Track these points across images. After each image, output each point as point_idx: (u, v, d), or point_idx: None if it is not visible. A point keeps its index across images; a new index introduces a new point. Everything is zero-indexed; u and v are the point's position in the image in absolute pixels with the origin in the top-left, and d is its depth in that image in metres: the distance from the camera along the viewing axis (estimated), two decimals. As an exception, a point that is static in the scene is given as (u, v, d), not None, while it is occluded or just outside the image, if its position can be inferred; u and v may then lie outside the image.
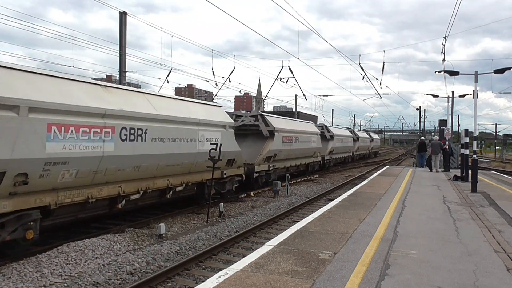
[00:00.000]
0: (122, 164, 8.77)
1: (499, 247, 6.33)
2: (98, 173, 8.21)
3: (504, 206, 10.32)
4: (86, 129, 7.76)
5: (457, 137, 47.56)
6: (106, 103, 8.44)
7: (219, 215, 11.63)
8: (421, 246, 6.27)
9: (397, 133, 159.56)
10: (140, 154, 9.18)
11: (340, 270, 5.06)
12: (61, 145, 7.25)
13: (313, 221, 8.06)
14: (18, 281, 6.15)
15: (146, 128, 9.37)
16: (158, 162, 9.90)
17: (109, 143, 8.29)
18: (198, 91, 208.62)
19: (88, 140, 7.80)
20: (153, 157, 9.65)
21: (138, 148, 9.11)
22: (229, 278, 4.74)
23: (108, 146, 8.26)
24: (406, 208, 9.79)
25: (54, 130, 7.13)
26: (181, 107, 11.34)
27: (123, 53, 19.57)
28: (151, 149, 9.53)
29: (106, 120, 8.26)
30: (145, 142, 9.33)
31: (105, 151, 8.21)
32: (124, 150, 8.69)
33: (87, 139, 7.78)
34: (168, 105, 10.74)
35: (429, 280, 4.77)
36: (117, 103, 8.74)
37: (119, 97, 9.03)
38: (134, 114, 9.07)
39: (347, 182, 20.68)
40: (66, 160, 7.38)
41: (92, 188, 8.29)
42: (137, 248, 8.12)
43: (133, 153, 8.99)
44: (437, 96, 33.23)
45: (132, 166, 9.08)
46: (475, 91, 15.49)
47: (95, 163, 8.04)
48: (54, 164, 7.17)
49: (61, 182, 7.52)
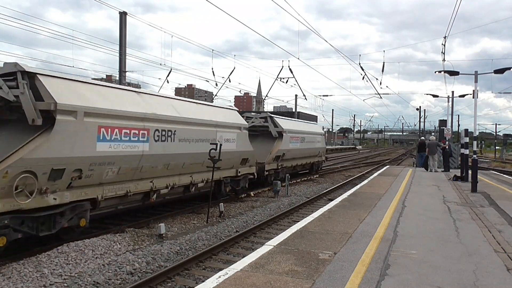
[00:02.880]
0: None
1: (499, 247, 6.33)
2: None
3: (504, 206, 10.32)
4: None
5: (457, 137, 47.58)
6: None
7: (219, 215, 11.63)
8: (421, 246, 6.27)
9: (397, 133, 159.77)
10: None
11: (340, 270, 5.07)
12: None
13: (313, 221, 8.06)
14: (18, 281, 6.15)
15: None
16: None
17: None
18: (198, 91, 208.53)
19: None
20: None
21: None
22: (229, 278, 4.74)
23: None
24: (406, 208, 9.79)
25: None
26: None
27: (123, 53, 19.57)
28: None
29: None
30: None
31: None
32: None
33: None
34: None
35: (429, 280, 4.77)
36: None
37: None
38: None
39: (347, 182, 20.68)
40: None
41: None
42: (137, 248, 8.13)
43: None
44: (437, 96, 33.29)
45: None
46: (475, 91, 15.49)
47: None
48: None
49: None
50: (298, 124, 22.02)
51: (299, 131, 20.73)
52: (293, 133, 19.56)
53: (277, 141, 17.90)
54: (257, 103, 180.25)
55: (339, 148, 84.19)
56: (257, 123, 18.16)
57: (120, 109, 8.71)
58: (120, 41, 19.67)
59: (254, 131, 17.98)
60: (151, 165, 9.68)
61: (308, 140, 21.81)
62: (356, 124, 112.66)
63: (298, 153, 20.56)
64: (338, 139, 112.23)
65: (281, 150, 17.96)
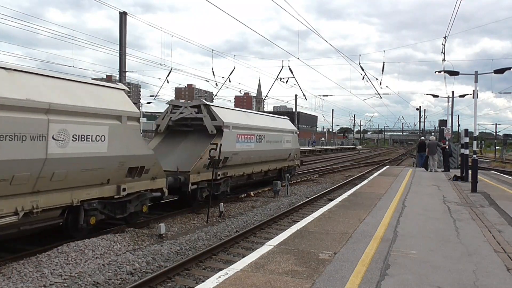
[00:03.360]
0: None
1: (499, 247, 6.33)
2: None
3: (504, 206, 10.32)
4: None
5: (457, 137, 47.58)
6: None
7: (219, 215, 11.63)
8: (421, 246, 6.27)
9: (397, 133, 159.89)
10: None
11: (340, 270, 5.07)
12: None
13: (313, 221, 8.06)
14: (18, 281, 6.15)
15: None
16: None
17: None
18: (198, 91, 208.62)
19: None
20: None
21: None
22: (229, 278, 4.74)
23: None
24: (406, 208, 9.79)
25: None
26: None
27: (123, 53, 19.58)
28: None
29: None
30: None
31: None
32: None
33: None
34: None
35: (429, 280, 4.77)
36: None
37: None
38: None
39: (347, 182, 20.68)
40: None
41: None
42: (137, 248, 8.13)
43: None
44: (437, 96, 33.26)
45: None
46: (475, 91, 15.49)
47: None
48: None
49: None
50: (253, 117, 16.29)
51: (254, 126, 15.36)
52: (243, 128, 14.37)
53: (215, 140, 12.54)
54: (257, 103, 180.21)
55: (339, 148, 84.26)
56: (187, 114, 13.32)
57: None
58: (120, 41, 19.67)
59: (187, 126, 13.65)
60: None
61: (271, 140, 16.75)
62: (356, 124, 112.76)
63: (253, 156, 15.26)
64: (338, 139, 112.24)
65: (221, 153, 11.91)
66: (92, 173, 8.14)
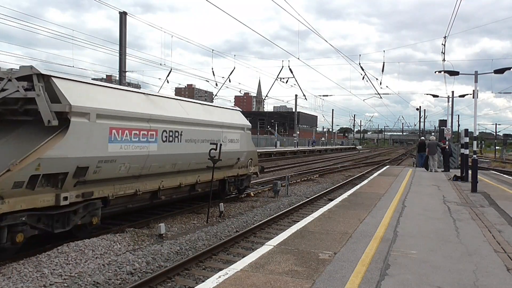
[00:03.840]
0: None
1: (499, 247, 6.33)
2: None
3: (504, 206, 10.32)
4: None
5: (457, 137, 47.59)
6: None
7: (219, 215, 11.63)
8: (421, 246, 6.27)
9: (397, 133, 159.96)
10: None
11: (340, 270, 5.07)
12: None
13: (313, 221, 8.06)
14: (18, 281, 6.15)
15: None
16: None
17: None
18: (198, 91, 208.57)
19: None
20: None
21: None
22: (229, 278, 4.74)
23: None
24: (406, 208, 9.79)
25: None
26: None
27: (123, 53, 19.57)
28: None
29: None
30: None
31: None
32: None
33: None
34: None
35: (429, 280, 4.77)
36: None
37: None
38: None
39: (347, 182, 20.68)
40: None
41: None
42: (137, 248, 8.13)
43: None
44: (437, 96, 33.30)
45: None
46: (475, 91, 15.49)
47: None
48: None
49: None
50: (158, 103, 10.27)
51: (157, 117, 9.66)
52: (127, 119, 8.78)
53: (54, 138, 7.29)
54: (257, 103, 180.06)
55: (339, 148, 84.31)
56: (12, 92, 7.37)
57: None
58: (120, 41, 19.67)
59: (16, 111, 7.67)
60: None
61: (196, 138, 11.24)
62: (356, 124, 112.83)
63: (156, 164, 9.76)
64: (338, 139, 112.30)
65: (58, 160, 7.21)
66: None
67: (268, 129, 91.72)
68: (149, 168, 9.62)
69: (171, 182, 10.66)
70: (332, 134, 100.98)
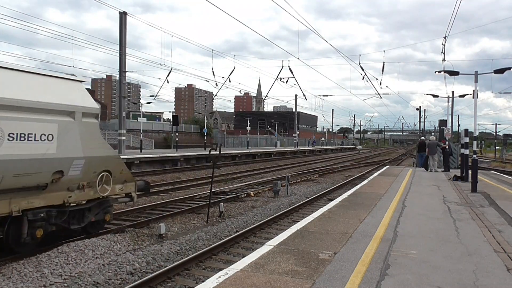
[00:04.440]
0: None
1: (499, 247, 6.33)
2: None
3: (504, 206, 10.32)
4: None
5: (457, 137, 47.60)
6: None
7: (219, 215, 11.63)
8: (421, 246, 6.27)
9: (397, 133, 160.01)
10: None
11: (340, 270, 5.07)
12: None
13: (313, 221, 8.06)
14: (18, 281, 6.15)
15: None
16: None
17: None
18: (198, 91, 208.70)
19: None
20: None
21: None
22: (229, 278, 4.74)
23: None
24: (406, 208, 9.79)
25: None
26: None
27: (123, 53, 19.57)
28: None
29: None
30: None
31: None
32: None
33: None
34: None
35: (429, 280, 4.77)
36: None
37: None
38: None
39: (347, 182, 20.68)
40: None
41: None
42: (137, 248, 8.13)
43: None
44: (437, 96, 33.33)
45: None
46: (475, 91, 15.49)
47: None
48: None
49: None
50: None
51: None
52: None
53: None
54: (257, 103, 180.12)
55: (339, 148, 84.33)
56: None
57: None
58: (120, 41, 19.66)
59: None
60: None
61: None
62: (356, 124, 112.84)
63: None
64: (338, 139, 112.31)
65: None
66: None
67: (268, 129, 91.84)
68: None
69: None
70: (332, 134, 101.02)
